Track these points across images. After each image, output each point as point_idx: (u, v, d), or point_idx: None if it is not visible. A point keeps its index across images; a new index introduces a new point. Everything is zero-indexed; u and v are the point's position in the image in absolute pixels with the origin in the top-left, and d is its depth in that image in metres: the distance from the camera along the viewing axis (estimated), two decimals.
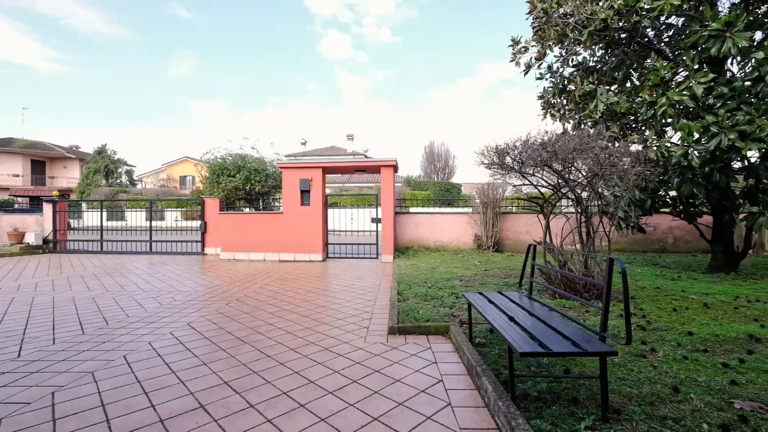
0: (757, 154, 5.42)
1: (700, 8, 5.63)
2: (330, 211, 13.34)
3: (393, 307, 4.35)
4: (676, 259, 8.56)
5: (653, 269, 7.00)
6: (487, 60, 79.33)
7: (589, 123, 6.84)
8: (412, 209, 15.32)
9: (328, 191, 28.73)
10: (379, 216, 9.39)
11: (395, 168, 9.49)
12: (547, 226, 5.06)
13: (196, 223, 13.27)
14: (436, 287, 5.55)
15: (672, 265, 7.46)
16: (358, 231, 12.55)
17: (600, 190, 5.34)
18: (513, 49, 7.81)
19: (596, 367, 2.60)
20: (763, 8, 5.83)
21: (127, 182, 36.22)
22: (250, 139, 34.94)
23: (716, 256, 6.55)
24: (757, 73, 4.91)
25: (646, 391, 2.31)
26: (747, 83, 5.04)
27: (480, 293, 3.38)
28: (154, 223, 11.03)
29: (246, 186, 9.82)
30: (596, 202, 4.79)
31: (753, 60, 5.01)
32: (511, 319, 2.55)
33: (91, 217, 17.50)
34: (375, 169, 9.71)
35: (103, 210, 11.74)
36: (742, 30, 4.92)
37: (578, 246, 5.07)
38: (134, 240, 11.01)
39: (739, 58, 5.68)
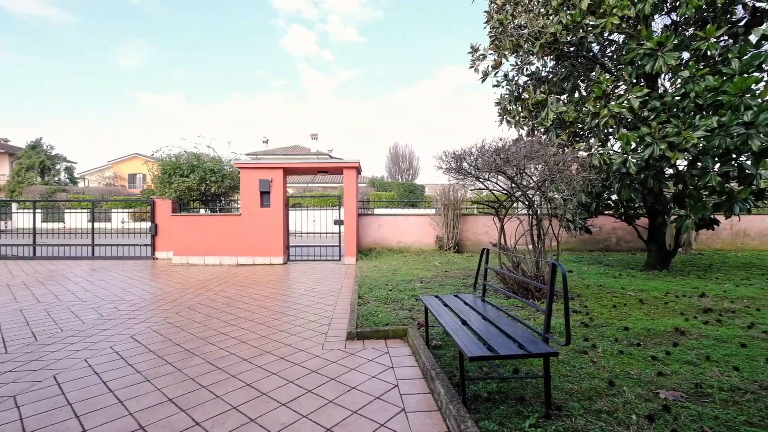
0: (685, 163, 5.99)
1: (638, 27, 6.13)
2: (292, 212, 13.05)
3: (353, 312, 4.33)
4: (618, 257, 9.26)
5: (598, 267, 7.52)
6: (453, 62, 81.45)
7: (542, 130, 7.21)
8: (376, 210, 15.38)
9: (291, 191, 28.09)
10: (342, 218, 9.33)
11: (358, 170, 9.47)
12: (502, 229, 5.28)
13: (147, 225, 12.44)
14: (397, 289, 5.60)
15: (614, 264, 8.06)
16: (320, 233, 12.37)
17: (551, 194, 5.66)
18: (472, 56, 8.06)
19: (543, 366, 2.74)
20: (691, 30, 6.47)
21: (67, 180, 33.19)
22: (205, 137, 33.35)
23: (651, 254, 7.16)
24: (683, 90, 5.43)
25: (585, 386, 2.47)
26: (676, 98, 5.55)
27: (436, 296, 3.45)
28: (98, 225, 10.19)
29: (201, 186, 9.33)
30: (546, 205, 5.06)
31: (680, 78, 5.53)
32: (464, 322, 2.63)
33: (23, 219, 15.87)
34: (337, 171, 9.63)
35: (37, 211, 10.67)
36: (672, 50, 5.42)
37: (531, 247, 5.33)
38: (74, 244, 10.11)
39: (669, 75, 6.24)
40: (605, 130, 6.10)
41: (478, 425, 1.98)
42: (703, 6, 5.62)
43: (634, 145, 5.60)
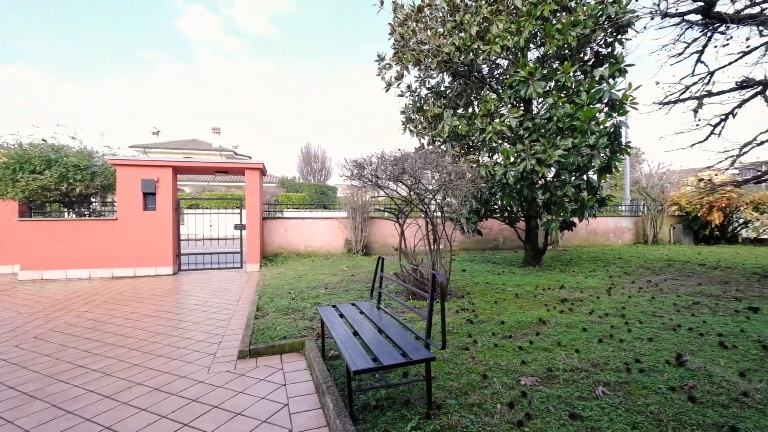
0: (551, 175, 7.09)
1: (518, 55, 7.06)
2: (188, 215, 11.76)
3: (248, 327, 4.07)
4: (504, 255, 10.53)
5: (486, 266, 8.44)
6: (369, 62, 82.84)
7: (440, 141, 7.79)
8: (285, 213, 14.77)
9: (187, 190, 25.26)
10: (244, 222, 8.72)
11: (262, 171, 8.97)
12: (402, 233, 5.54)
13: None
14: (300, 298, 5.45)
15: (500, 262, 9.14)
16: (220, 239, 11.36)
17: (449, 199, 6.16)
18: (379, 64, 8.30)
19: (432, 370, 2.94)
20: (556, 64, 7.69)
21: None
22: (67, 126, 24.72)
23: (527, 253, 8.32)
24: (549, 114, 6.42)
25: (463, 382, 2.72)
26: (543, 121, 6.54)
27: (333, 306, 3.45)
28: None
29: (62, 186, 7.72)
30: (440, 211, 5.48)
31: (546, 103, 6.53)
32: (356, 333, 2.67)
33: None
34: (239, 172, 8.98)
35: None
36: (540, 79, 6.37)
37: (429, 248, 5.71)
38: None
39: (540, 100, 7.33)
40: (490, 144, 6.87)
41: None
42: (563, 45, 6.72)
43: (513, 159, 6.42)
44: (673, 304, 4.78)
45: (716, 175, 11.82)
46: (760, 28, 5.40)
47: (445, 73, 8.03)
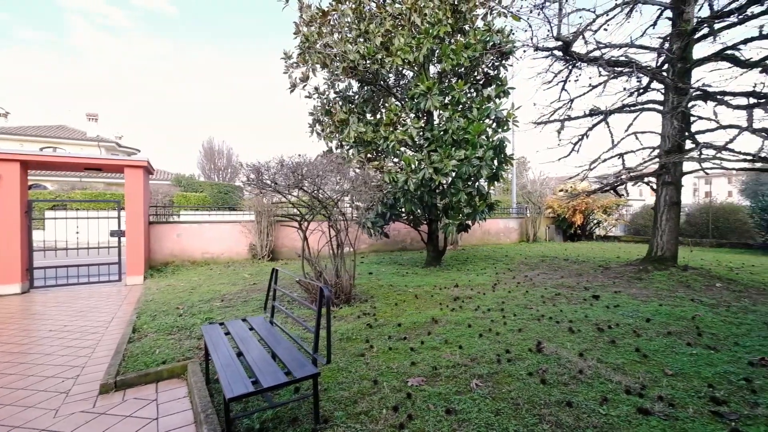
0: (447, 183, 7.71)
1: (421, 68, 7.50)
2: (49, 219, 9.82)
3: (118, 353, 3.53)
4: (410, 256, 11.09)
5: (393, 267, 8.78)
6: (278, 57, 79.05)
7: (347, 145, 7.85)
8: (182, 215, 13.23)
9: (51, 187, 20.94)
10: (123, 227, 7.55)
11: (148, 169, 7.90)
12: (305, 239, 5.42)
13: None
14: (190, 313, 4.94)
15: (406, 263, 9.60)
16: (92, 247, 9.67)
17: (357, 203, 6.24)
18: (285, 62, 7.99)
19: (325, 381, 2.92)
20: (454, 80, 8.38)
21: None
22: None
23: (429, 253, 8.91)
24: (445, 127, 6.98)
25: (354, 390, 2.77)
26: (441, 132, 7.08)
27: (221, 323, 3.20)
28: None
29: None
30: (342, 217, 5.52)
31: (444, 117, 7.08)
32: (240, 354, 2.52)
33: None
34: (116, 169, 7.75)
35: None
36: (438, 94, 6.87)
37: (332, 254, 5.69)
38: None
39: (439, 113, 7.91)
40: (394, 152, 7.18)
41: None
42: (457, 64, 7.37)
43: (413, 167, 6.80)
44: (541, 297, 5.61)
45: (580, 182, 14.33)
46: (600, 69, 6.69)
47: (352, 79, 8.12)
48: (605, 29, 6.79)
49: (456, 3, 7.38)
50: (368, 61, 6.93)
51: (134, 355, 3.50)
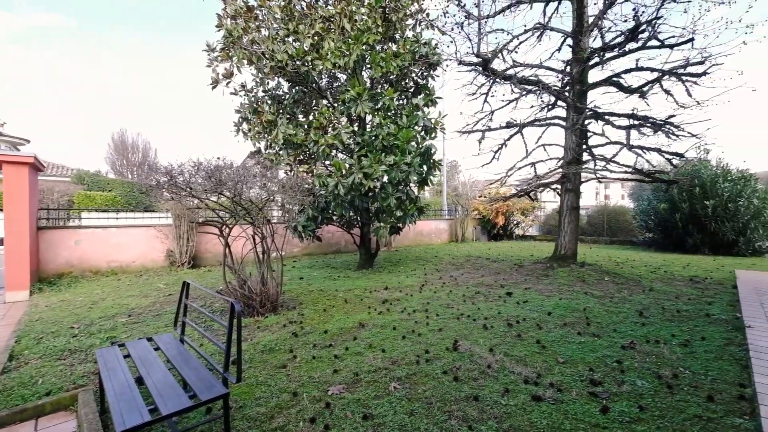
0: (378, 187, 7.87)
1: (353, 73, 7.53)
2: None
3: None
4: (344, 259, 11.08)
5: (325, 271, 8.70)
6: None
7: (276, 147, 7.59)
8: (84, 219, 11.58)
9: None
10: (1, 235, 6.40)
11: (35, 166, 6.80)
12: (227, 245, 5.13)
13: None
14: (88, 333, 4.37)
15: (339, 266, 9.57)
16: None
17: (288, 206, 6.03)
18: (209, 55, 7.45)
19: (241, 398, 2.80)
20: (386, 87, 8.57)
21: None
22: None
23: (362, 256, 9.00)
24: (376, 132, 7.11)
25: (272, 405, 2.70)
26: (372, 138, 7.19)
27: (121, 345, 2.89)
28: None
29: None
30: (267, 222, 5.33)
31: (374, 123, 7.21)
32: (139, 379, 2.30)
33: None
34: None
35: None
36: (368, 100, 6.98)
37: (258, 260, 5.46)
38: None
39: (369, 118, 8.03)
40: (324, 156, 7.12)
41: None
42: (387, 72, 7.55)
43: (344, 171, 6.81)
44: (462, 296, 6.00)
45: (501, 187, 15.62)
46: (512, 86, 7.38)
47: (282, 79, 7.87)
48: (515, 52, 7.50)
49: (387, 12, 7.56)
50: (298, 62, 6.77)
51: (8, 389, 2.99)
